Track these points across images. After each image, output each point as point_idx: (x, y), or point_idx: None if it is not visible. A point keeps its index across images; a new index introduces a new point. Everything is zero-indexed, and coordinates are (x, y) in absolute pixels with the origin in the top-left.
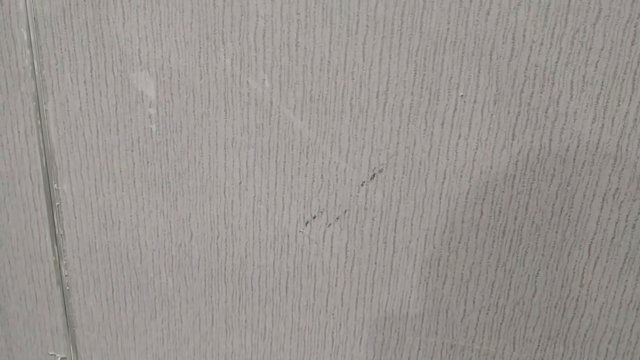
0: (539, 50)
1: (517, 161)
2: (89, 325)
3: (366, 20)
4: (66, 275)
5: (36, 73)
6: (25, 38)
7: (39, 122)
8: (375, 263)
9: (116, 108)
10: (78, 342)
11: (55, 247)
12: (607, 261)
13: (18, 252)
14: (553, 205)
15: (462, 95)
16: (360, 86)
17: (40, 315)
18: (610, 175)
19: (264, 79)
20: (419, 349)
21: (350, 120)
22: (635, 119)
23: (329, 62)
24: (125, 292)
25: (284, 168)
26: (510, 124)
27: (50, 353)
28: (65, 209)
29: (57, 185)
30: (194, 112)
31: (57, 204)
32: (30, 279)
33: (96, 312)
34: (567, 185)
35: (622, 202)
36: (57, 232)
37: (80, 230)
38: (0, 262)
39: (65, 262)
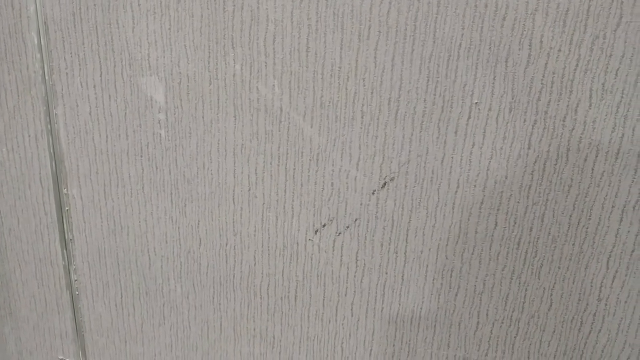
0: (557, 57)
1: (533, 171)
2: (98, 331)
3: (378, 25)
4: (76, 280)
5: (46, 77)
6: (36, 42)
7: (49, 126)
8: (387, 273)
9: (126, 113)
10: (87, 347)
11: (64, 252)
12: (626, 275)
13: (28, 256)
14: (570, 216)
15: (476, 103)
16: (372, 93)
17: (50, 319)
18: (630, 187)
19: (274, 85)
20: None
21: (362, 128)
22: None
23: (340, 68)
24: (134, 298)
25: (294, 175)
26: (526, 133)
27: (60, 357)
28: (75, 213)
29: (67, 190)
30: (203, 118)
31: (66, 208)
32: (40, 283)
33: (105, 318)
34: (585, 197)
35: None
36: (66, 237)
37: (89, 235)
38: (10, 266)
39: (74, 267)
